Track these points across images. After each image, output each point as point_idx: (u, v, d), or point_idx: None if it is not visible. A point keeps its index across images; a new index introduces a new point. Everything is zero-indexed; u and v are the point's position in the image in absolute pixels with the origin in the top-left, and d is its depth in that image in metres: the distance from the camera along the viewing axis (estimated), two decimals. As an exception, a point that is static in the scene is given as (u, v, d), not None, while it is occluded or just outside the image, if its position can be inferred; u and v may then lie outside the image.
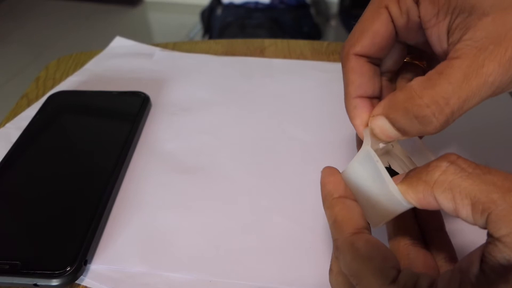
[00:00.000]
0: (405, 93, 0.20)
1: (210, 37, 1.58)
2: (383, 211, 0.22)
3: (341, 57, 0.24)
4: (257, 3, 1.53)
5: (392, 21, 0.22)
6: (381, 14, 0.22)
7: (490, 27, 0.18)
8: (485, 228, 0.17)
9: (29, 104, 0.45)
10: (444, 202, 0.18)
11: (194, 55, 0.52)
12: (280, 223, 0.32)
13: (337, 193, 0.22)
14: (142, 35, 2.00)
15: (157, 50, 0.53)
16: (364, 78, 0.23)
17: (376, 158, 0.21)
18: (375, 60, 0.24)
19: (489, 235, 0.17)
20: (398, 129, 0.21)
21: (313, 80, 0.47)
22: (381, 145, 0.24)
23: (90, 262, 0.29)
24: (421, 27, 0.22)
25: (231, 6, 1.54)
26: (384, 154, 0.25)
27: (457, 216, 0.18)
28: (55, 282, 0.27)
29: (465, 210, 0.17)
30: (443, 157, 0.19)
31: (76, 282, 0.28)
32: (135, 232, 0.32)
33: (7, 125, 0.42)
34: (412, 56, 0.27)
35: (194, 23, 1.98)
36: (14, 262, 0.28)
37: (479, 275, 0.17)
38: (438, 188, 0.18)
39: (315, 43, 0.54)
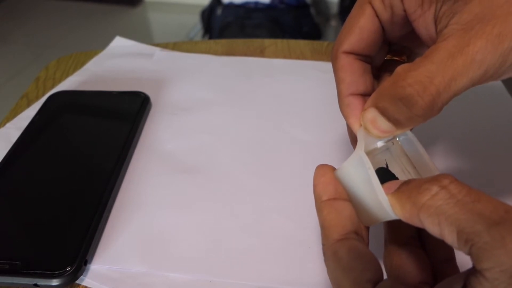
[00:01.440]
0: (390, 79, 0.20)
1: (210, 37, 1.58)
2: (373, 215, 0.22)
3: (331, 57, 0.24)
4: (257, 3, 1.53)
5: (377, 16, 0.22)
6: (365, 10, 0.22)
7: (477, 9, 0.18)
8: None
9: (29, 104, 0.45)
10: (430, 226, 0.18)
11: (194, 55, 0.52)
12: (280, 223, 0.32)
13: (326, 195, 0.22)
14: (142, 35, 2.00)
15: (157, 50, 0.53)
16: (355, 76, 0.23)
17: (368, 165, 0.21)
18: (365, 58, 0.24)
19: (473, 265, 0.17)
20: (389, 118, 0.20)
21: (313, 80, 0.47)
22: (380, 143, 0.24)
23: (90, 262, 0.29)
24: (406, 20, 0.22)
25: (231, 6, 1.54)
26: (384, 151, 0.25)
27: (443, 240, 0.18)
28: (55, 282, 0.27)
29: (451, 237, 0.17)
30: (436, 180, 0.18)
31: (76, 282, 0.28)
32: (135, 232, 0.32)
33: (7, 125, 0.42)
34: (393, 54, 0.27)
35: (194, 23, 1.98)
36: (14, 262, 0.28)
37: None
38: (424, 212, 0.18)
39: (315, 43, 0.54)
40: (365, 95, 0.24)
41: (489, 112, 0.41)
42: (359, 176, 0.22)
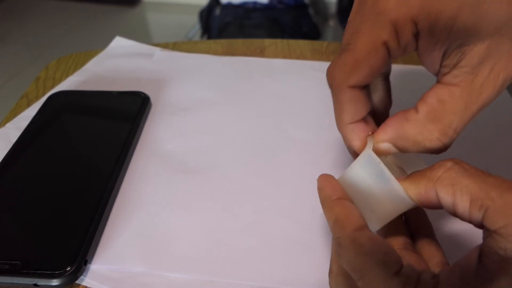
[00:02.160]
0: (414, 127, 0.22)
1: (209, 37, 1.58)
2: (383, 213, 0.23)
3: (330, 84, 0.24)
4: (255, 3, 1.53)
5: (388, 53, 0.22)
6: (379, 50, 0.21)
7: (485, 53, 0.20)
8: (479, 224, 0.19)
9: (29, 104, 0.45)
10: (445, 197, 0.20)
11: (194, 55, 0.52)
12: (280, 223, 0.32)
13: (336, 195, 0.23)
14: (141, 35, 2.00)
15: (157, 50, 0.53)
16: (358, 106, 0.24)
17: (378, 160, 0.22)
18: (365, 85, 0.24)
19: (486, 230, 0.18)
20: (402, 151, 0.23)
21: (313, 80, 0.47)
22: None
23: (90, 262, 0.29)
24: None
25: (229, 6, 1.54)
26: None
27: (453, 211, 0.20)
28: (55, 282, 0.27)
29: (463, 206, 0.19)
30: (448, 159, 0.20)
31: (76, 282, 0.28)
32: (135, 232, 0.32)
33: (7, 125, 0.42)
34: None
35: (192, 23, 1.98)
36: (14, 262, 0.28)
37: (479, 267, 0.18)
38: (440, 184, 0.20)
39: (315, 43, 0.54)
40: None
41: (489, 112, 0.41)
42: (368, 173, 0.23)
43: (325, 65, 0.49)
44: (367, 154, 0.23)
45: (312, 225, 0.32)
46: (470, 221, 0.19)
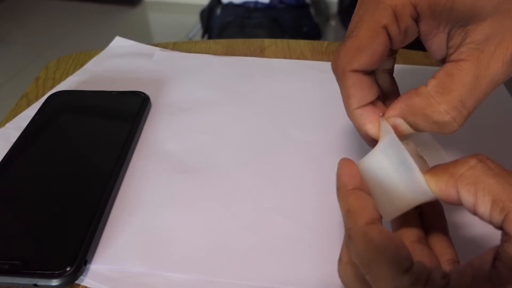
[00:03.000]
0: (423, 99, 0.21)
1: (210, 37, 1.58)
2: (400, 202, 0.23)
3: (335, 71, 0.24)
4: (256, 2, 1.53)
5: (390, 38, 0.23)
6: (379, 35, 0.22)
7: (488, 30, 0.20)
8: (499, 226, 0.18)
9: (29, 104, 0.45)
10: (465, 195, 0.19)
11: (194, 55, 0.52)
12: (280, 222, 0.32)
13: (352, 184, 0.23)
14: (142, 35, 2.00)
15: (157, 50, 0.53)
16: (364, 91, 0.24)
17: (402, 146, 0.22)
18: (370, 71, 0.24)
19: (505, 234, 0.18)
20: (415, 128, 0.22)
21: (313, 80, 0.47)
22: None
23: (90, 262, 0.29)
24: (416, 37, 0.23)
25: (230, 5, 1.53)
26: None
27: (474, 211, 0.19)
28: (55, 282, 0.27)
29: (484, 206, 0.18)
30: (473, 155, 0.20)
31: (76, 282, 0.28)
32: (135, 232, 0.32)
33: (7, 125, 0.42)
34: None
35: (193, 23, 1.98)
36: (14, 262, 0.28)
37: (492, 271, 0.18)
38: (462, 181, 0.19)
39: (315, 43, 0.54)
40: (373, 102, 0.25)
41: (489, 112, 0.41)
42: (390, 160, 0.23)
43: (325, 65, 0.49)
44: (390, 138, 0.23)
45: (312, 224, 0.32)
46: (490, 222, 0.19)
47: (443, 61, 0.23)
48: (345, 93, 0.24)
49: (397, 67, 0.28)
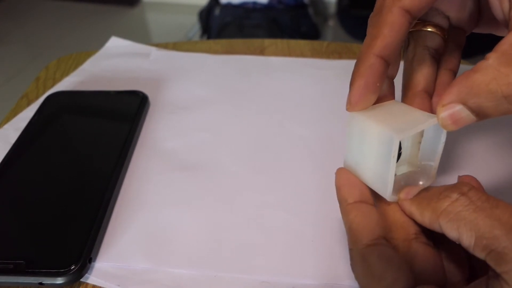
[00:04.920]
0: (486, 74, 0.18)
1: (208, 37, 1.58)
2: (366, 173, 0.23)
3: (379, 7, 0.22)
4: (255, 3, 1.53)
5: None
6: None
7: None
8: (483, 261, 0.18)
9: (29, 104, 0.45)
10: (448, 231, 0.19)
11: (191, 54, 0.52)
12: (281, 217, 0.32)
13: (352, 198, 0.22)
14: (141, 35, 2.00)
15: (153, 50, 0.53)
16: (397, 39, 0.21)
17: (394, 153, 0.21)
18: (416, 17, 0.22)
19: (491, 268, 0.17)
20: (478, 113, 0.19)
21: (311, 77, 0.47)
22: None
23: (94, 260, 0.30)
24: None
25: (229, 6, 1.54)
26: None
27: (459, 243, 0.19)
28: (60, 280, 0.27)
29: (468, 241, 0.18)
30: (455, 188, 0.19)
31: (81, 280, 0.29)
32: (138, 230, 0.32)
33: (5, 126, 0.42)
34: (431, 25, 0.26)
35: (192, 23, 1.98)
36: (19, 261, 0.28)
37: None
38: (444, 218, 0.19)
39: (315, 43, 0.54)
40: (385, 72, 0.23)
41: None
42: (379, 148, 0.22)
43: (323, 62, 0.50)
44: (394, 137, 0.21)
45: (313, 219, 0.32)
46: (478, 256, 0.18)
47: (505, 19, 0.21)
48: (375, 31, 0.22)
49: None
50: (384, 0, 0.22)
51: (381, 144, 0.22)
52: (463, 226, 0.18)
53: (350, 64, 0.37)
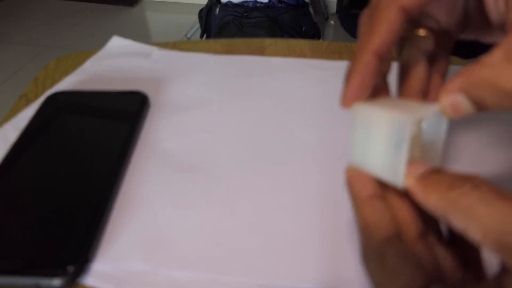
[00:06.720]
0: (490, 69, 0.19)
1: (208, 37, 1.58)
2: (370, 162, 0.22)
3: (375, 3, 0.22)
4: (255, 2, 1.53)
5: None
6: None
7: None
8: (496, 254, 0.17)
9: (28, 104, 0.45)
10: (455, 221, 0.18)
11: (192, 54, 0.51)
12: (281, 220, 0.32)
13: (366, 192, 0.22)
14: (141, 34, 2.00)
15: (155, 50, 0.53)
16: (393, 37, 0.21)
17: (407, 137, 0.20)
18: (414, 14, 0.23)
19: (502, 264, 0.17)
20: (479, 105, 0.20)
21: (313, 78, 0.47)
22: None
23: (92, 262, 0.29)
24: None
25: (229, 5, 1.53)
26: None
27: (463, 234, 0.18)
28: (57, 281, 0.27)
29: (474, 234, 0.18)
30: (468, 179, 0.19)
31: (78, 281, 0.28)
32: (136, 231, 0.32)
33: (5, 125, 0.42)
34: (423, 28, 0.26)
35: (192, 22, 1.98)
36: (16, 262, 0.28)
37: None
38: (453, 207, 0.18)
39: (315, 43, 0.54)
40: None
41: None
42: (389, 135, 0.21)
43: (324, 63, 0.49)
44: (405, 121, 0.20)
45: (315, 222, 0.32)
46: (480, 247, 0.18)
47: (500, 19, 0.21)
48: (374, 28, 0.22)
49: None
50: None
51: (392, 131, 0.21)
52: (473, 219, 0.17)
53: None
